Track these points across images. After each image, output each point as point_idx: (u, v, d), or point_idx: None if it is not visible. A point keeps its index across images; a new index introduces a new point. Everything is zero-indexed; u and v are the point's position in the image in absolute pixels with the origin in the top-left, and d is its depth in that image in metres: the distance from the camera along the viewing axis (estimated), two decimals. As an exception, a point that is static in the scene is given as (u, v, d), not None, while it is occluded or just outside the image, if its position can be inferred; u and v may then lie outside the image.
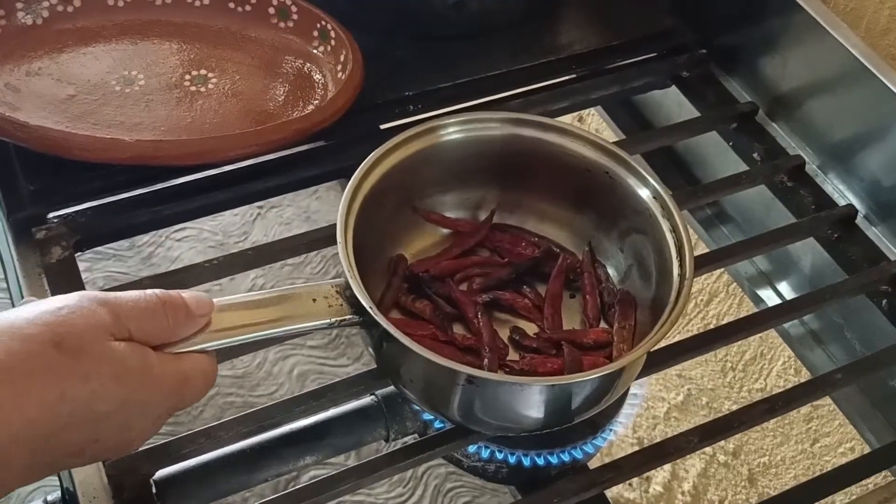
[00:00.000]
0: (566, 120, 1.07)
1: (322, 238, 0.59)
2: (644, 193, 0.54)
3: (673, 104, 0.77)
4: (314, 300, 0.46)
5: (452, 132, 0.55)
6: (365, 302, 0.45)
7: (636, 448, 1.07)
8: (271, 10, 0.67)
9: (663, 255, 0.52)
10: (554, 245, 0.58)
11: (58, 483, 0.51)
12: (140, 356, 0.39)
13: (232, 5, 0.68)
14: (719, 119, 0.69)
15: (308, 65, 0.66)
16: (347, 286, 0.46)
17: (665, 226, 0.52)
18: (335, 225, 0.57)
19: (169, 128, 0.60)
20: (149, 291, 0.41)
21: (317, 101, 0.64)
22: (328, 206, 1.79)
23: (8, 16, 0.63)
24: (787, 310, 0.61)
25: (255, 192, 0.62)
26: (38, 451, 0.36)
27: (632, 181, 0.54)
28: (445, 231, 0.58)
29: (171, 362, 0.41)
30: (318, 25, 0.66)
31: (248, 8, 0.67)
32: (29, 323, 0.36)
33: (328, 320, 0.46)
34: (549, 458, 0.53)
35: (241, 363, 1.54)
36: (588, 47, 0.72)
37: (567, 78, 0.71)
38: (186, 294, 0.42)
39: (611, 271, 0.57)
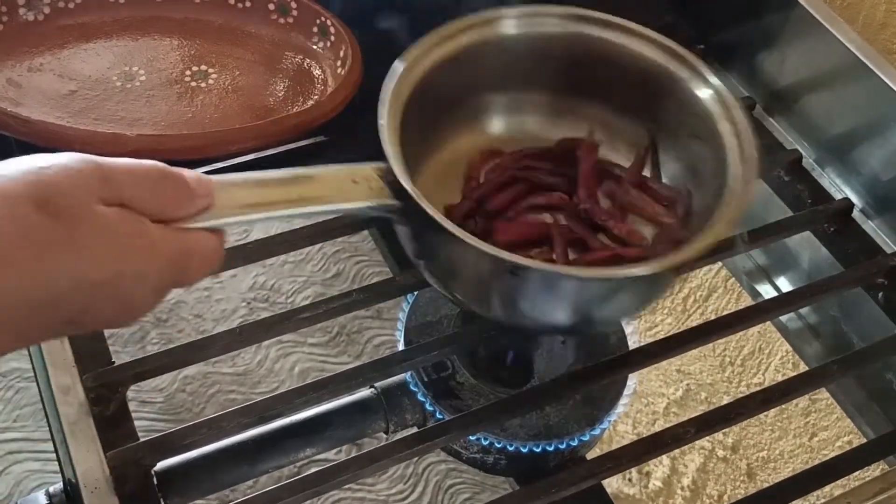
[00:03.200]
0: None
1: (322, 231, 0.59)
2: (706, 95, 0.51)
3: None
4: (354, 181, 0.43)
5: (509, 26, 0.52)
6: (407, 185, 0.42)
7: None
8: (271, 6, 0.68)
9: (722, 160, 0.48)
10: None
11: (59, 474, 0.51)
12: (134, 223, 0.36)
13: (232, 1, 0.68)
14: (717, 114, 0.69)
15: (308, 60, 0.67)
16: (390, 171, 0.43)
17: (725, 128, 0.49)
18: (336, 220, 0.58)
19: (169, 123, 0.61)
20: (147, 161, 0.38)
21: (316, 97, 0.64)
22: (329, 204, 1.80)
23: (10, 12, 0.63)
24: (784, 303, 0.61)
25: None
26: (22, 319, 0.33)
27: (694, 83, 0.52)
28: (496, 133, 0.55)
29: (171, 234, 0.38)
30: (318, 21, 0.67)
31: (248, 4, 0.68)
32: (9, 181, 0.33)
33: (368, 203, 0.43)
34: (546, 447, 0.53)
35: (243, 361, 1.54)
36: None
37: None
38: (187, 172, 0.39)
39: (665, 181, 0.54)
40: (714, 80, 0.51)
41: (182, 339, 1.57)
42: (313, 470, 0.48)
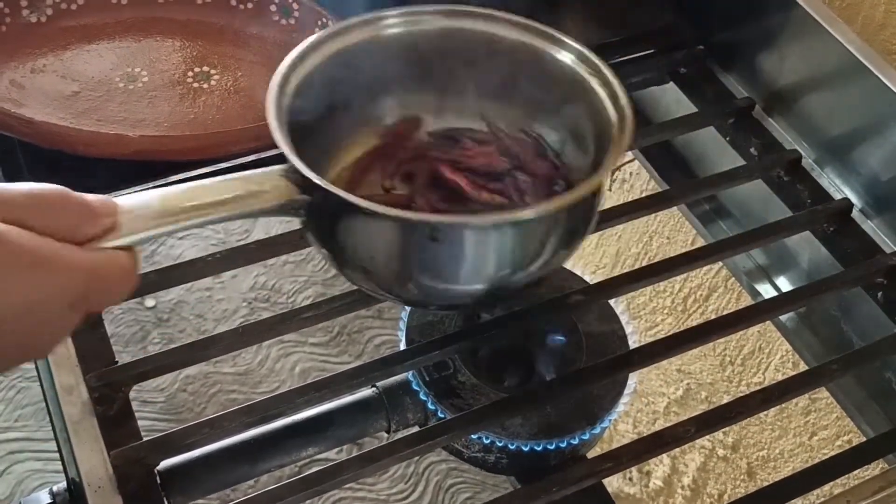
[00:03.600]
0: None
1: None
2: (570, 59, 0.52)
3: (670, 100, 0.78)
4: (260, 184, 0.43)
5: (391, 25, 0.52)
6: (310, 174, 0.42)
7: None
8: (273, 8, 0.68)
9: (600, 116, 0.50)
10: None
11: (61, 474, 0.51)
12: (35, 241, 0.34)
13: (234, 2, 0.68)
14: (717, 114, 0.70)
15: None
16: (292, 168, 0.43)
17: (595, 84, 0.51)
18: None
19: (172, 124, 0.61)
20: (47, 185, 0.36)
21: None
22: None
23: (13, 13, 0.64)
24: (784, 302, 0.61)
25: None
26: None
27: (560, 53, 0.53)
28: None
29: (79, 253, 0.36)
30: (320, 23, 0.67)
31: (249, 5, 0.68)
32: None
33: (275, 202, 0.43)
34: (547, 446, 0.54)
35: (244, 360, 1.55)
36: (587, 43, 0.72)
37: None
38: (89, 195, 0.38)
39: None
40: (576, 45, 0.52)
41: (183, 338, 1.58)
42: (315, 469, 0.48)
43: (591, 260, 1.12)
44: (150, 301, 1.62)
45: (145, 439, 0.48)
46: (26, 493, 1.36)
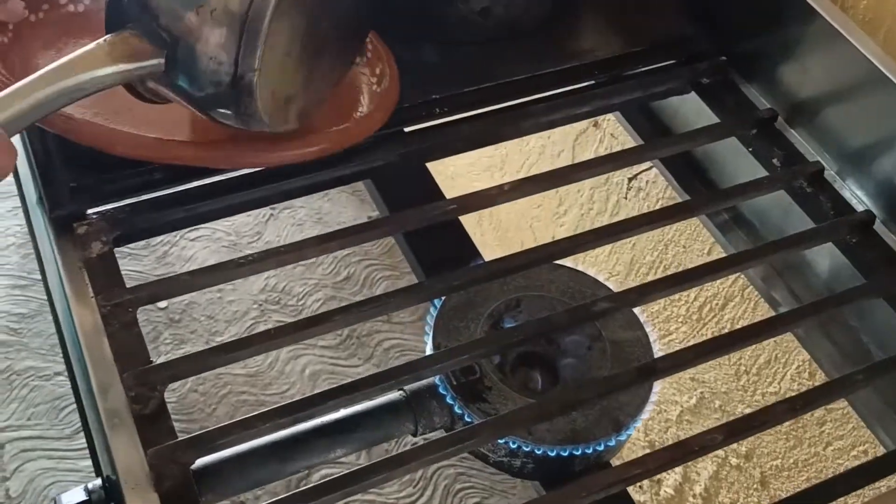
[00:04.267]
0: (583, 125, 1.09)
1: (336, 237, 0.60)
2: None
3: (690, 110, 0.78)
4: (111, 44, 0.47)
5: None
6: None
7: (647, 450, 1.08)
8: None
9: None
10: None
11: (71, 472, 0.52)
12: None
13: None
14: (739, 125, 0.70)
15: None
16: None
17: None
18: (350, 227, 0.59)
19: (207, 127, 0.61)
20: None
21: (354, 114, 0.64)
22: (339, 207, 1.81)
23: (51, 1, 0.63)
24: (803, 314, 0.62)
25: (282, 191, 0.63)
26: None
27: None
28: None
29: None
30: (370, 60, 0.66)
31: None
32: None
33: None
34: (573, 452, 0.54)
35: (254, 362, 1.55)
36: (610, 53, 0.73)
37: (589, 83, 0.72)
38: None
39: None
40: None
41: (194, 339, 1.59)
42: (324, 473, 0.48)
43: (605, 267, 1.13)
44: (161, 302, 1.62)
45: (181, 438, 0.48)
46: (38, 491, 1.37)
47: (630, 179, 1.02)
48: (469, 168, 1.42)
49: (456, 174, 1.42)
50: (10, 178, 1.62)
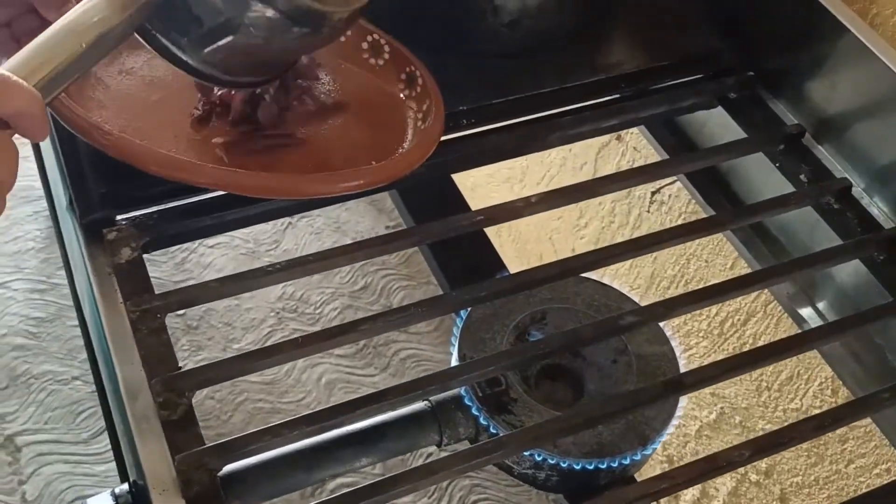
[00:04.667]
0: (605, 138, 1.09)
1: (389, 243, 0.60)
2: None
3: (716, 124, 0.78)
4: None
5: None
6: None
7: (666, 465, 1.07)
8: (364, 45, 0.67)
9: None
10: None
11: (88, 477, 0.52)
12: None
13: None
14: (766, 140, 0.70)
15: (391, 107, 0.66)
16: None
17: None
18: (371, 239, 0.59)
19: (243, 153, 0.60)
20: None
21: (397, 149, 0.63)
22: (357, 216, 1.81)
23: None
24: (830, 331, 0.62)
25: (308, 201, 0.64)
26: None
27: None
28: None
29: None
30: (407, 70, 0.66)
31: (342, 38, 0.65)
32: None
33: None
34: (599, 465, 0.54)
35: (270, 370, 1.55)
36: (636, 67, 0.73)
37: (615, 97, 0.72)
38: None
39: None
40: None
41: (211, 346, 1.59)
42: (339, 482, 0.48)
43: (626, 281, 1.13)
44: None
45: (208, 444, 0.48)
46: (55, 496, 1.37)
47: (653, 193, 1.02)
48: (489, 179, 1.42)
49: (476, 185, 1.42)
50: (31, 183, 1.64)
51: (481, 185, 1.42)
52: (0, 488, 1.39)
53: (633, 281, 1.11)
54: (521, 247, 1.42)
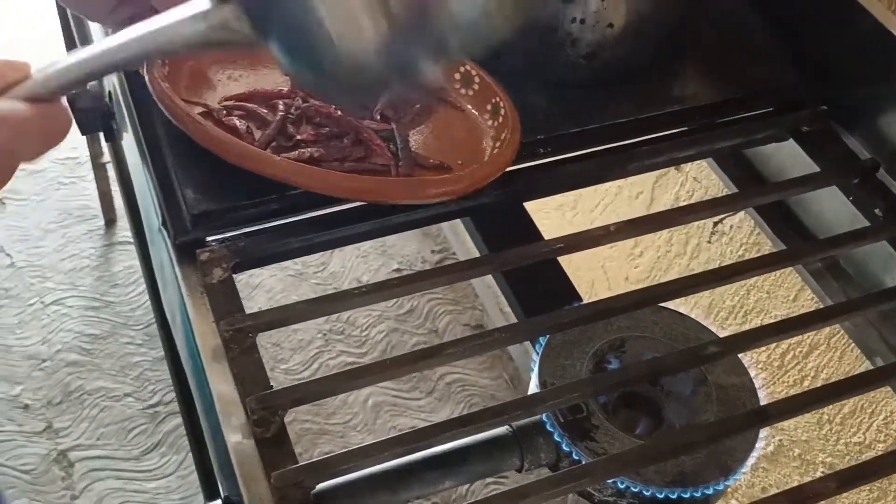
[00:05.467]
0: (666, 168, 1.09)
1: (470, 269, 0.61)
2: None
3: (784, 156, 0.79)
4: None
5: None
6: None
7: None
8: (457, 76, 0.70)
9: None
10: None
11: (140, 493, 0.53)
12: None
13: None
14: (840, 173, 0.70)
15: (474, 135, 0.69)
16: None
17: None
18: (487, 255, 0.60)
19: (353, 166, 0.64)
20: None
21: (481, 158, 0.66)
22: (403, 240, 1.83)
23: None
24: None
25: (388, 226, 0.65)
26: None
27: None
28: None
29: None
30: (493, 101, 0.68)
31: None
32: None
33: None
34: (682, 494, 0.54)
35: (318, 391, 1.56)
36: (711, 99, 0.74)
37: (690, 128, 0.73)
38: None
39: None
40: None
41: (260, 366, 1.61)
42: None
43: (682, 311, 1.12)
44: (229, 328, 1.65)
45: (302, 463, 0.49)
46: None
47: (715, 223, 1.03)
48: (540, 206, 1.42)
49: (527, 212, 1.43)
50: (86, 203, 1.68)
51: (532, 212, 1.43)
52: (53, 503, 1.41)
53: (689, 310, 1.11)
54: (572, 273, 1.42)
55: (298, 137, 0.63)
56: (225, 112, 0.64)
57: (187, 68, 0.66)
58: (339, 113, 0.65)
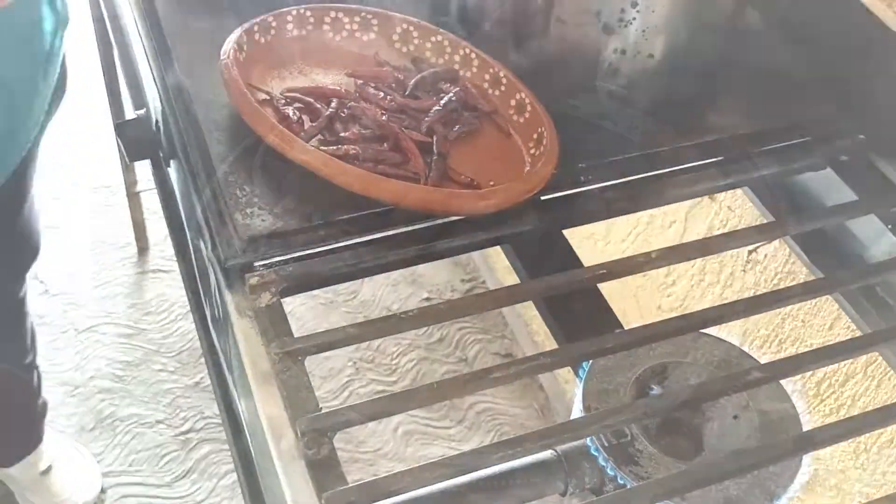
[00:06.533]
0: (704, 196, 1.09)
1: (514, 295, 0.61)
2: None
3: (821, 185, 0.79)
4: None
5: None
6: None
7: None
8: (513, 102, 0.73)
9: None
10: None
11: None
12: None
13: (486, 86, 0.74)
14: (879, 202, 0.71)
15: (516, 158, 0.71)
16: None
17: None
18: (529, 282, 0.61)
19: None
20: None
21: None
22: (433, 269, 1.84)
23: (278, 28, 0.72)
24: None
25: (432, 252, 0.66)
26: None
27: None
28: None
29: None
30: (539, 130, 0.71)
31: (496, 93, 0.74)
32: None
33: None
34: (727, 521, 0.54)
35: (347, 419, 1.57)
36: (749, 129, 0.75)
37: (729, 156, 0.73)
38: None
39: None
40: None
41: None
42: None
43: (714, 339, 1.12)
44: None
45: (353, 484, 0.50)
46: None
47: (750, 252, 1.03)
48: (571, 234, 1.43)
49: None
50: (119, 231, 1.69)
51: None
52: (86, 528, 1.41)
53: (724, 338, 1.11)
54: (602, 303, 1.42)
55: (342, 135, 0.66)
56: (284, 101, 0.68)
57: (265, 59, 0.71)
58: (385, 118, 0.68)
